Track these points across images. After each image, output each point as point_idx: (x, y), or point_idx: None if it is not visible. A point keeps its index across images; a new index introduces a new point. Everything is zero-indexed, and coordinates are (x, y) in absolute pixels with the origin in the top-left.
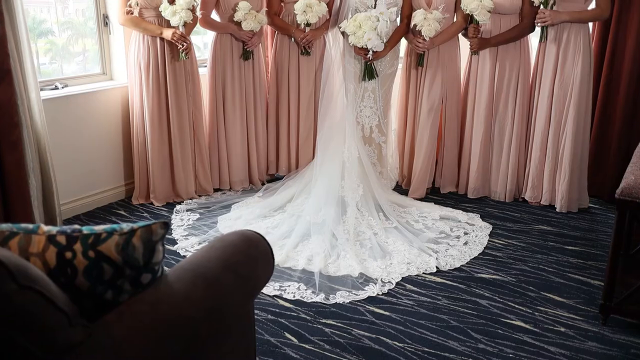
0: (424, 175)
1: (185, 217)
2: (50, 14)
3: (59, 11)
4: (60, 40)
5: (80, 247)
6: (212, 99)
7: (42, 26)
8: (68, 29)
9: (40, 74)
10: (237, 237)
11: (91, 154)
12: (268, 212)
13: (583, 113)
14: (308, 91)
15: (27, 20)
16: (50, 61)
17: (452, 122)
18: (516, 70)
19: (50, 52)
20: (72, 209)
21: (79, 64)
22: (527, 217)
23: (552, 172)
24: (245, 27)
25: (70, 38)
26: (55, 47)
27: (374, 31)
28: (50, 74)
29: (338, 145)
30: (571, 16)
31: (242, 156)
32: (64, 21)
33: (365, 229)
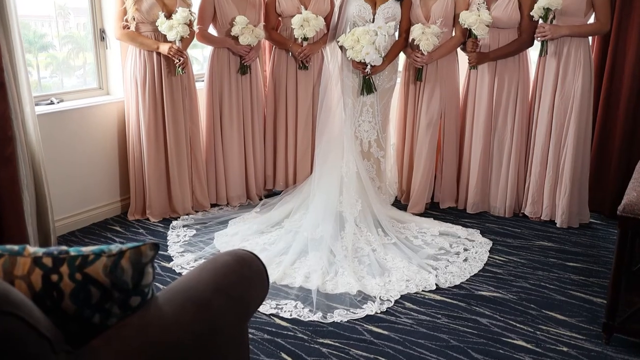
0: (423, 190)
1: (181, 233)
2: (51, 28)
3: (59, 25)
4: (61, 54)
5: (67, 269)
6: (209, 113)
7: (42, 40)
8: (69, 42)
9: (41, 87)
10: (230, 257)
11: (87, 169)
12: (265, 228)
13: (584, 127)
14: (306, 106)
15: (29, 35)
16: (50, 75)
17: (451, 137)
18: (515, 85)
19: (50, 66)
20: (67, 224)
21: (79, 77)
22: (528, 232)
23: (553, 187)
24: (242, 41)
25: (70, 52)
26: (55, 61)
27: (372, 45)
28: (50, 87)
29: (336, 160)
30: (571, 30)
31: (240, 171)
32: (64, 35)
33: (364, 245)
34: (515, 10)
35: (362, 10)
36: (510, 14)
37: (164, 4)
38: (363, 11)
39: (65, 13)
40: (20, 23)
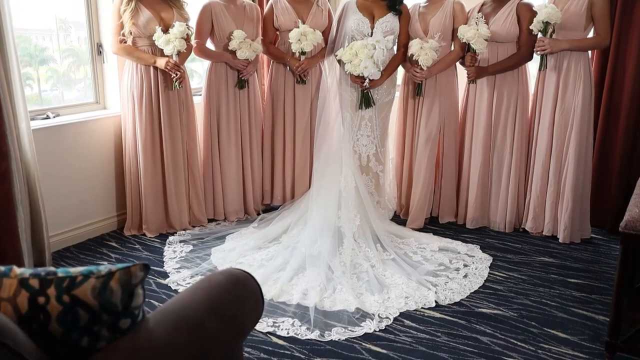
0: (422, 205)
1: (178, 248)
2: (52, 41)
3: (60, 39)
4: (62, 67)
5: (54, 291)
6: (207, 128)
7: (43, 54)
8: (69, 56)
9: (42, 100)
10: (224, 277)
11: (83, 184)
12: (263, 244)
13: (585, 141)
14: (304, 120)
15: (30, 48)
16: (51, 88)
17: (450, 151)
18: (514, 99)
19: (51, 79)
20: (62, 240)
21: (80, 90)
22: (528, 248)
23: (554, 202)
24: (240, 55)
25: (71, 65)
26: (56, 74)
27: (371, 59)
28: (51, 100)
29: (334, 174)
30: (571, 44)
31: (237, 186)
32: (65, 48)
33: (362, 261)
34: (514, 24)
35: (361, 24)
36: (509, 28)
37: (161, 18)
38: (361, 25)
39: (66, 26)
40: (20, 37)
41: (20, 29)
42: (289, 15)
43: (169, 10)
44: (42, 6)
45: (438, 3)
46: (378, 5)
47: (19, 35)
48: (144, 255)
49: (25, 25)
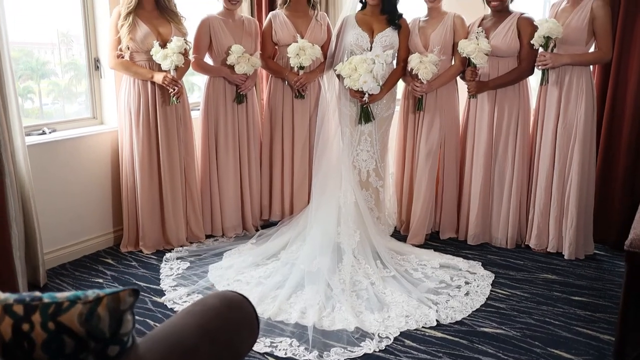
0: (422, 220)
1: (174, 265)
2: (54, 55)
3: (62, 52)
4: (63, 81)
5: (39, 317)
6: (205, 143)
7: (45, 67)
8: (71, 69)
9: (43, 114)
10: (218, 300)
11: (79, 200)
12: (261, 260)
13: (587, 156)
14: (303, 135)
15: (32, 62)
16: (52, 102)
17: (451, 166)
18: (515, 114)
19: (52, 93)
20: (57, 257)
21: (81, 104)
22: (531, 264)
23: (558, 218)
24: (238, 70)
25: (72, 79)
26: (57, 88)
27: (370, 74)
28: (52, 114)
29: (334, 190)
30: (572, 59)
31: (235, 201)
32: (67, 62)
33: (362, 278)
34: (515, 38)
35: (360, 38)
36: (510, 42)
37: (158, 33)
38: (360, 39)
39: (68, 40)
40: (22, 50)
41: (23, 43)
42: (287, 29)
43: (166, 25)
44: (45, 20)
45: (438, 17)
46: (377, 19)
47: (21, 49)
48: (140, 273)
49: (28, 39)
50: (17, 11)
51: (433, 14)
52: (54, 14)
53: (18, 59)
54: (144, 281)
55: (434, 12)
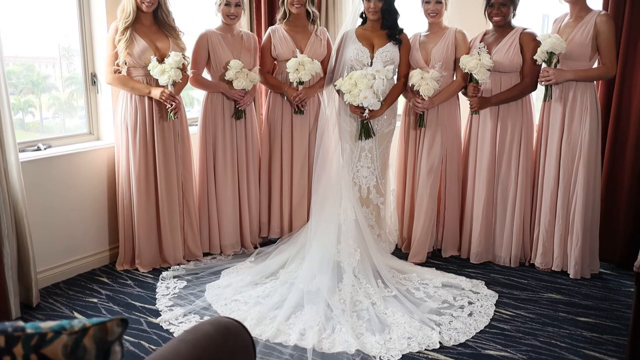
0: (424, 238)
1: (171, 284)
2: (55, 69)
3: (63, 67)
4: (64, 95)
5: (21, 349)
6: (203, 159)
7: (46, 81)
8: (72, 84)
9: (43, 127)
10: (213, 328)
11: (74, 217)
12: (259, 279)
13: (593, 173)
14: (302, 151)
15: (33, 76)
16: (53, 115)
17: (453, 183)
18: (518, 130)
19: (53, 107)
20: (51, 276)
21: (81, 118)
22: (535, 284)
23: (563, 237)
24: (236, 85)
25: (73, 93)
26: (58, 102)
27: (370, 89)
28: (52, 128)
29: (334, 207)
30: (576, 74)
31: (234, 219)
32: (67, 76)
33: (363, 298)
34: (517, 54)
35: (360, 53)
36: (512, 57)
37: (156, 47)
38: (361, 55)
39: (69, 55)
40: (23, 64)
41: (24, 57)
42: (287, 44)
43: (164, 40)
44: (46, 35)
45: (439, 32)
46: (377, 34)
47: (22, 63)
48: (136, 292)
49: (29, 53)
50: (19, 26)
51: (434, 29)
52: (55, 29)
53: (19, 73)
54: (139, 301)
55: (435, 27)
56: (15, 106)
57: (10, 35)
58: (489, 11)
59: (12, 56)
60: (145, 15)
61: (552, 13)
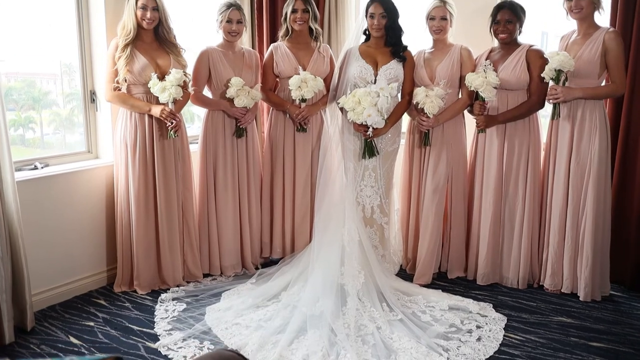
0: (430, 259)
1: (170, 307)
2: (57, 85)
3: (64, 83)
4: (64, 111)
5: None
6: (203, 178)
7: (47, 97)
8: (73, 100)
9: (44, 143)
10: None
11: (71, 237)
12: (261, 302)
13: (603, 193)
14: (304, 170)
15: (34, 92)
16: (53, 131)
17: (459, 203)
18: (526, 149)
19: (54, 123)
20: (47, 298)
21: (82, 134)
22: (544, 306)
23: (573, 258)
24: (238, 103)
25: (74, 109)
26: (58, 118)
27: (374, 107)
28: (52, 144)
29: (337, 227)
30: (585, 92)
31: (234, 239)
32: (68, 92)
33: (368, 322)
34: (524, 71)
35: (363, 71)
36: (519, 75)
37: (157, 65)
38: (364, 72)
39: (70, 71)
40: (25, 81)
41: (25, 74)
42: (289, 61)
43: (165, 57)
44: (48, 51)
45: (444, 49)
46: (381, 51)
47: (24, 79)
48: (134, 315)
49: (31, 69)
50: (20, 42)
51: (439, 45)
52: (56, 45)
53: (20, 89)
54: (137, 324)
55: (440, 44)
56: (16, 122)
57: (12, 51)
58: (494, 28)
59: (13, 72)
60: (146, 32)
61: (551, 30)
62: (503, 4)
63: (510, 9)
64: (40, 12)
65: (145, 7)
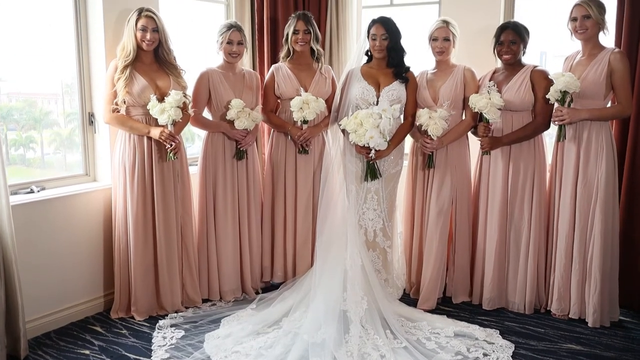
0: (434, 283)
1: (168, 334)
2: (58, 105)
3: (66, 103)
4: (65, 131)
5: None
6: (202, 201)
7: (48, 117)
8: (74, 119)
9: (44, 163)
10: None
11: (67, 262)
12: (261, 329)
13: (611, 216)
14: (306, 192)
15: (35, 112)
16: (54, 151)
17: (463, 226)
18: (531, 171)
19: (54, 142)
20: (41, 325)
21: (82, 153)
22: (553, 333)
23: (581, 282)
24: (238, 125)
25: (74, 129)
26: (59, 138)
27: (376, 129)
28: (53, 163)
29: (339, 251)
30: (591, 114)
31: (234, 263)
32: (69, 112)
33: (371, 350)
34: (529, 92)
35: (365, 92)
36: (523, 96)
37: (157, 86)
38: (366, 93)
39: (71, 91)
40: (26, 101)
41: (27, 94)
42: (290, 82)
43: (165, 78)
44: (49, 71)
45: (447, 70)
46: (383, 72)
47: (25, 99)
48: (130, 342)
49: (33, 89)
50: (21, 62)
51: (442, 66)
52: (57, 65)
53: (21, 109)
54: (134, 352)
55: (443, 65)
56: (17, 142)
57: (13, 71)
58: (498, 49)
59: (15, 92)
60: (146, 53)
61: (549, 50)
62: (507, 25)
63: (514, 29)
64: (42, 32)
65: (145, 28)
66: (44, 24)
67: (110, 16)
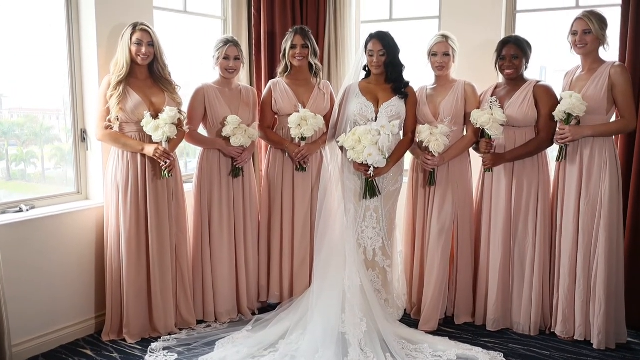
0: (435, 304)
1: (160, 357)
2: (59, 120)
3: (67, 118)
4: (66, 146)
5: None
6: (197, 219)
7: (49, 133)
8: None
9: (45, 178)
10: None
11: (57, 283)
12: (257, 352)
13: (615, 234)
14: (303, 210)
15: (36, 128)
16: (55, 166)
17: (466, 244)
18: (535, 187)
19: (55, 157)
20: (30, 348)
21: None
22: (559, 356)
23: (585, 303)
24: (234, 142)
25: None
26: (60, 153)
27: (375, 146)
28: (54, 178)
29: (338, 271)
30: (594, 130)
31: (230, 283)
32: (70, 127)
33: None
34: (532, 108)
35: (364, 108)
36: (526, 112)
37: (151, 102)
38: (365, 109)
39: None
40: (28, 116)
41: (29, 109)
42: (288, 98)
43: (160, 95)
44: (51, 87)
45: (447, 85)
46: (382, 88)
47: (27, 114)
48: None
49: (34, 105)
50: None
51: (441, 82)
52: (58, 81)
53: (23, 124)
54: None
55: (443, 80)
56: (18, 157)
57: (15, 87)
58: (500, 64)
59: (16, 108)
60: (140, 68)
61: (549, 65)
62: (508, 39)
63: (516, 44)
64: (43, 48)
65: (140, 42)
66: (45, 40)
67: (104, 32)
